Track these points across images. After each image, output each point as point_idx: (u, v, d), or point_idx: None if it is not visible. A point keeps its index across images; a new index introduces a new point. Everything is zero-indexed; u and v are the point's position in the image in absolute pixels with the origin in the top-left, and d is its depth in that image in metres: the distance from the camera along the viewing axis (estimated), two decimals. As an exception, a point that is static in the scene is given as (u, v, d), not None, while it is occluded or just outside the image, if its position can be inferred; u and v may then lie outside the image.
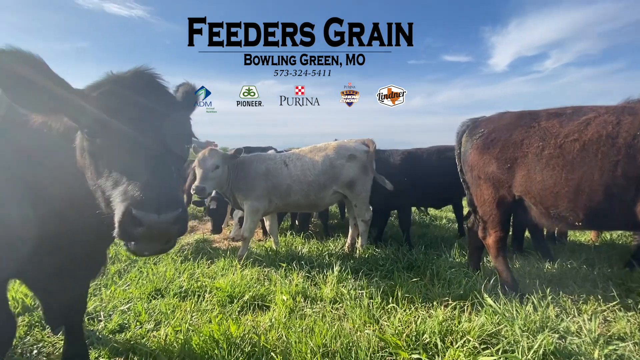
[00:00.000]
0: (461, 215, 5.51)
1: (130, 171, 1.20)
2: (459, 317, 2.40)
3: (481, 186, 3.05)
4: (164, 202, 1.14)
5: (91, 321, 2.62)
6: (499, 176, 2.88)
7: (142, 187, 1.15)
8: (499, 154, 2.89)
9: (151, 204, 1.12)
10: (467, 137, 3.24)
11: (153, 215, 1.11)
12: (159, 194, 1.15)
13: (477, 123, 3.23)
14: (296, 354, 2.07)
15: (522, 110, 3.03)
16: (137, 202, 1.12)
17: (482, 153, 3.02)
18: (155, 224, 1.12)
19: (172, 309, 2.77)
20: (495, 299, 2.62)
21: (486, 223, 3.09)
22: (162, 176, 1.23)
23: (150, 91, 1.37)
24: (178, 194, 1.26)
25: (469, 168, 3.18)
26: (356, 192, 4.31)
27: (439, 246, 4.57)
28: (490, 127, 3.06)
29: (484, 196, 3.05)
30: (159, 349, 2.15)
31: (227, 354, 2.08)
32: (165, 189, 1.19)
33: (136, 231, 1.13)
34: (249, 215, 4.12)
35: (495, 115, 3.19)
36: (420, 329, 2.25)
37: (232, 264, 3.85)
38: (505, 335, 2.21)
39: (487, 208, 3.04)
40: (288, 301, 2.81)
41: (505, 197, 2.89)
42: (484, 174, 3.00)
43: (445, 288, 3.04)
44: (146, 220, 1.11)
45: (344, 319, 2.63)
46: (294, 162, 4.25)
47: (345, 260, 3.87)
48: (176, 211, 1.15)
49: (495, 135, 2.98)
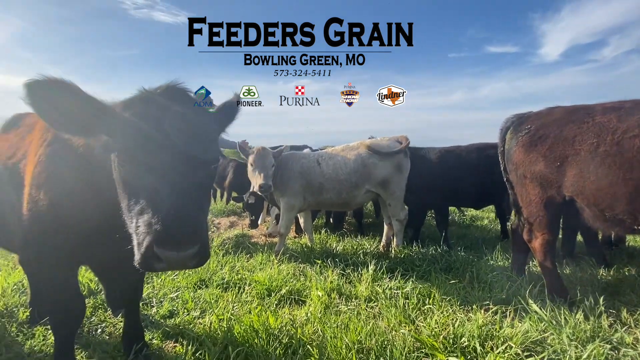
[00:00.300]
0: (504, 216, 5.23)
1: (156, 202, 1.22)
2: (500, 322, 2.31)
3: (527, 186, 2.89)
4: (185, 239, 1.18)
5: (145, 306, 2.88)
6: (547, 175, 2.71)
7: (164, 223, 1.18)
8: (548, 152, 2.71)
9: (172, 241, 1.16)
10: (511, 134, 3.08)
11: (173, 253, 1.16)
12: (180, 231, 1.18)
13: (523, 119, 3.06)
14: (331, 348, 2.13)
15: (575, 104, 2.82)
16: (159, 240, 1.16)
17: (529, 151, 2.86)
18: (174, 260, 1.18)
19: (216, 299, 2.96)
20: (542, 305, 2.49)
21: (532, 225, 2.92)
22: (186, 210, 1.24)
23: (180, 112, 1.36)
24: (200, 229, 1.27)
25: (513, 166, 3.03)
26: (390, 191, 4.27)
27: (480, 248, 4.38)
28: (538, 123, 2.88)
29: (530, 196, 2.88)
30: (204, 335, 2.31)
31: (266, 343, 2.19)
32: (188, 225, 1.21)
33: (157, 266, 1.20)
34: (285, 212, 4.25)
35: (543, 110, 3.00)
36: (458, 331, 2.20)
37: (270, 259, 4.01)
38: (552, 343, 2.09)
39: (534, 209, 2.87)
40: (323, 297, 2.88)
41: (554, 197, 2.72)
42: (530, 172, 2.84)
43: (485, 292, 2.93)
44: (166, 257, 1.17)
45: (379, 317, 2.64)
46: (326, 161, 4.31)
47: (381, 259, 3.85)
48: (195, 247, 1.20)
49: (543, 132, 2.80)
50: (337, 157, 4.33)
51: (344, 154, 4.33)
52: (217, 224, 6.65)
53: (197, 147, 1.34)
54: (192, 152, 1.32)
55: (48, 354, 2.21)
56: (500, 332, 2.19)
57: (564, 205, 2.71)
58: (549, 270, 2.85)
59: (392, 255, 4.08)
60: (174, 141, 1.29)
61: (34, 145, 1.80)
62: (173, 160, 1.27)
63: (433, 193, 4.49)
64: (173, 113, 1.33)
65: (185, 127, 1.33)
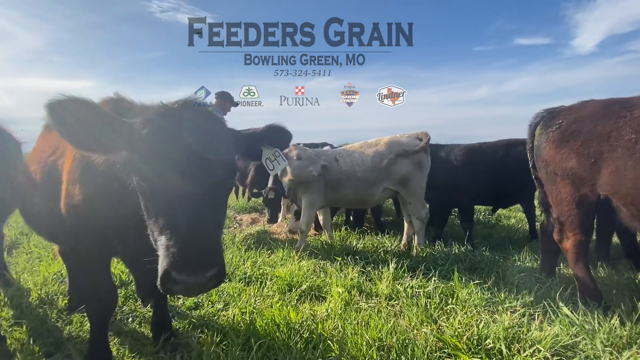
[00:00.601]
0: (533, 215, 5.02)
1: (173, 224, 1.23)
2: (528, 325, 2.23)
3: (558, 184, 2.76)
4: (203, 264, 1.20)
5: (172, 298, 3.00)
6: (579, 173, 2.58)
7: (182, 248, 1.19)
8: (581, 148, 2.58)
9: (189, 266, 1.18)
10: (541, 130, 2.94)
11: (191, 278, 1.18)
12: (198, 256, 1.20)
13: (554, 114, 2.91)
14: (352, 344, 2.13)
15: (611, 97, 2.66)
16: (177, 265, 1.18)
17: (560, 147, 2.72)
18: (192, 285, 1.20)
19: (238, 292, 3.04)
20: (573, 309, 2.37)
21: (563, 225, 2.79)
22: (204, 233, 1.25)
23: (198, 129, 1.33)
24: (217, 251, 1.29)
25: (543, 163, 2.89)
26: (410, 189, 4.20)
27: (507, 248, 4.23)
28: (570, 118, 2.74)
29: (561, 195, 2.75)
30: (228, 327, 2.38)
31: (287, 337, 2.22)
32: (205, 249, 1.23)
33: (174, 289, 1.22)
34: (306, 209, 4.29)
35: (576, 104, 2.84)
36: (482, 333, 2.14)
37: (290, 255, 4.06)
38: (584, 349, 2.00)
39: (565, 208, 2.74)
40: (343, 294, 2.89)
41: (587, 196, 2.58)
42: (561, 170, 2.71)
43: (512, 293, 2.83)
44: (183, 281, 1.18)
45: (400, 316, 2.62)
46: (344, 158, 4.30)
47: (402, 258, 3.81)
48: (212, 271, 1.21)
49: (576, 127, 2.66)
50: (354, 154, 4.30)
51: (362, 151, 4.30)
52: (239, 220, 6.80)
53: (214, 167, 1.32)
54: (209, 173, 1.30)
55: (84, 339, 2.35)
56: (527, 335, 2.11)
57: (598, 204, 2.57)
58: (582, 272, 2.71)
59: (413, 253, 4.02)
60: (192, 161, 1.27)
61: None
62: (190, 181, 1.25)
63: (459, 191, 4.37)
64: (190, 131, 1.30)
65: (202, 146, 1.30)
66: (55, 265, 3.59)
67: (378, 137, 4.46)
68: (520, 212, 6.72)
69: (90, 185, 1.71)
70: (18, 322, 2.59)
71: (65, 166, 1.85)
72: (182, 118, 1.33)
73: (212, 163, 1.31)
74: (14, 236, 5.01)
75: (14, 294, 2.98)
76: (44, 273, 3.39)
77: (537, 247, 3.97)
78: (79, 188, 1.73)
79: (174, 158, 1.26)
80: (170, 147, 1.27)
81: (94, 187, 1.71)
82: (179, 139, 1.27)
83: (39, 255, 4.15)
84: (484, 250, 3.83)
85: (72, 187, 1.76)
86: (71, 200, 1.76)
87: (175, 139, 1.28)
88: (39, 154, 2.23)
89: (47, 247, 4.27)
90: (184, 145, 1.27)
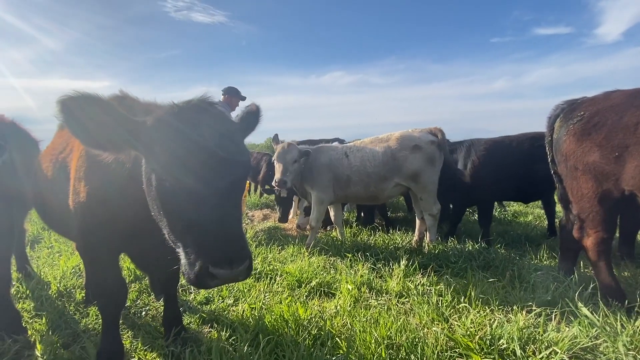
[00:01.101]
0: (552, 211, 4.84)
1: (203, 220, 1.25)
2: (544, 326, 2.14)
3: (579, 178, 2.63)
4: (237, 257, 1.25)
5: (184, 292, 3.05)
6: (602, 167, 2.45)
7: (217, 244, 1.24)
8: (604, 141, 2.44)
9: (225, 260, 1.23)
10: (561, 122, 2.81)
11: (227, 271, 1.23)
12: (232, 249, 1.26)
13: (576, 105, 2.78)
14: (360, 342, 2.11)
15: (637, 87, 2.51)
16: (214, 261, 1.22)
17: (581, 140, 2.59)
18: (228, 277, 1.25)
19: (248, 288, 3.06)
20: (593, 309, 2.27)
21: (584, 222, 2.67)
22: (232, 227, 1.30)
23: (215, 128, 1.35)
24: (246, 245, 1.33)
25: (562, 157, 2.77)
26: (421, 184, 4.11)
27: (523, 246, 4.10)
28: (593, 109, 2.60)
29: (582, 190, 2.62)
30: (237, 322, 2.40)
31: (296, 333, 2.22)
32: (237, 242, 1.28)
33: (211, 283, 1.26)
34: (316, 205, 4.27)
35: (600, 95, 2.70)
36: (496, 333, 2.08)
37: (301, 251, 4.05)
38: (605, 351, 1.91)
39: (587, 204, 2.61)
40: (353, 291, 2.86)
41: (611, 191, 2.45)
42: (582, 164, 2.58)
43: (528, 292, 2.74)
44: (221, 275, 1.23)
45: (410, 313, 2.57)
46: (354, 153, 4.25)
47: (413, 254, 3.74)
48: (245, 263, 1.27)
49: (599, 119, 2.52)
50: (365, 149, 4.24)
51: (373, 146, 4.23)
52: (251, 216, 6.86)
53: (234, 163, 1.36)
54: (230, 169, 1.33)
55: (100, 331, 2.41)
56: (543, 336, 2.03)
57: (622, 200, 2.44)
58: (603, 271, 2.59)
59: (425, 250, 3.95)
60: (214, 159, 1.29)
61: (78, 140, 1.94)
62: (214, 178, 1.28)
63: (480, 188, 4.25)
64: (207, 129, 1.32)
65: (221, 144, 1.32)
66: (73, 260, 3.71)
67: (389, 133, 4.38)
68: (538, 208, 6.50)
69: (96, 182, 1.72)
70: (38, 314, 2.69)
71: (72, 163, 1.88)
72: (198, 117, 1.34)
73: (233, 160, 1.34)
74: (36, 231, 5.22)
75: (35, 286, 3.10)
76: (63, 267, 3.51)
77: (555, 244, 3.83)
78: (85, 185, 1.74)
79: (198, 157, 1.27)
80: (193, 147, 1.27)
81: (99, 184, 1.71)
82: (200, 138, 1.28)
83: (59, 250, 4.31)
84: (499, 248, 3.72)
85: (78, 184, 1.78)
86: (77, 197, 1.78)
87: (196, 139, 1.28)
88: (51, 151, 2.28)
89: (67, 242, 4.42)
90: (205, 144, 1.28)
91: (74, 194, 1.80)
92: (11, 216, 2.68)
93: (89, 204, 1.73)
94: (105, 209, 1.71)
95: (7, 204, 2.59)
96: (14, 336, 2.26)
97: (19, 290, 3.08)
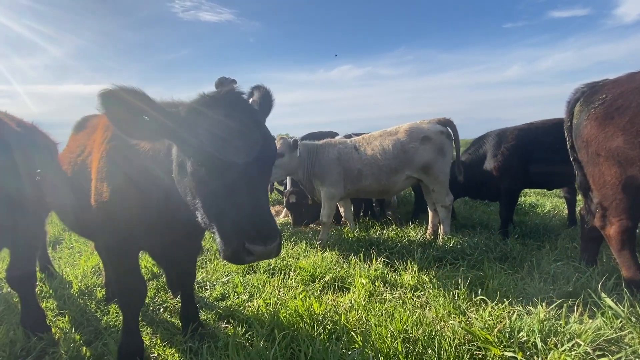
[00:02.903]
0: (574, 200, 4.68)
1: (239, 202, 1.35)
2: (566, 317, 2.08)
3: (601, 165, 2.52)
4: (271, 235, 1.33)
5: (200, 289, 3.10)
6: (627, 152, 2.33)
7: (253, 222, 1.32)
8: (628, 125, 2.33)
9: (261, 237, 1.31)
10: (581, 106, 2.69)
11: (261, 247, 1.30)
12: (266, 227, 1.34)
13: (597, 88, 2.65)
14: (376, 336, 2.09)
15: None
16: (250, 237, 1.30)
17: (604, 124, 2.47)
18: (263, 253, 1.32)
19: (263, 284, 3.08)
20: (617, 300, 2.19)
21: (607, 210, 2.56)
22: (264, 206, 1.40)
23: (245, 115, 1.45)
24: (275, 223, 1.40)
25: (583, 143, 2.65)
26: (433, 175, 4.04)
27: (541, 236, 3.99)
28: (616, 92, 2.47)
29: (604, 177, 2.52)
30: (253, 318, 2.42)
31: (311, 328, 2.22)
32: (269, 220, 1.37)
33: (248, 259, 1.33)
34: (326, 201, 4.25)
35: (623, 76, 2.56)
36: (515, 325, 2.03)
37: (314, 246, 4.06)
38: (630, 343, 1.84)
39: (610, 191, 2.50)
40: (367, 285, 2.84)
41: (636, 177, 2.34)
42: (605, 150, 2.47)
43: (548, 283, 2.66)
44: (257, 251, 1.30)
45: (426, 307, 2.54)
46: (364, 147, 4.20)
47: (427, 247, 3.69)
48: (278, 239, 1.35)
49: (622, 102, 2.40)
50: (375, 142, 4.19)
51: (382, 140, 4.18)
52: (263, 213, 6.89)
53: (264, 147, 1.45)
54: (261, 152, 1.42)
55: (120, 328, 2.48)
56: (565, 328, 1.97)
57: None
58: (628, 260, 2.49)
59: (439, 243, 3.89)
60: (246, 143, 1.39)
61: (97, 142, 1.98)
62: (247, 162, 1.37)
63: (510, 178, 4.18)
64: (239, 116, 1.42)
65: (251, 129, 1.43)
66: (93, 259, 3.81)
67: (397, 125, 4.31)
68: (556, 197, 6.32)
69: (116, 181, 1.79)
70: (61, 312, 2.78)
71: (93, 164, 1.94)
72: (228, 106, 1.43)
73: (263, 144, 1.44)
74: (57, 232, 5.39)
75: (58, 286, 3.20)
76: (84, 266, 3.61)
77: (576, 234, 3.72)
78: (106, 185, 1.80)
79: (231, 142, 1.36)
80: (226, 132, 1.37)
81: (120, 183, 1.78)
82: (232, 124, 1.38)
83: (79, 250, 4.44)
84: (516, 239, 3.63)
85: (100, 185, 1.84)
86: (100, 197, 1.83)
87: (228, 125, 1.38)
88: (68, 155, 2.34)
89: (86, 243, 4.55)
90: (237, 129, 1.39)
91: (97, 194, 1.85)
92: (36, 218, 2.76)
93: (111, 203, 1.78)
94: (127, 208, 1.77)
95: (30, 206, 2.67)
96: (38, 334, 2.34)
97: (43, 290, 3.18)
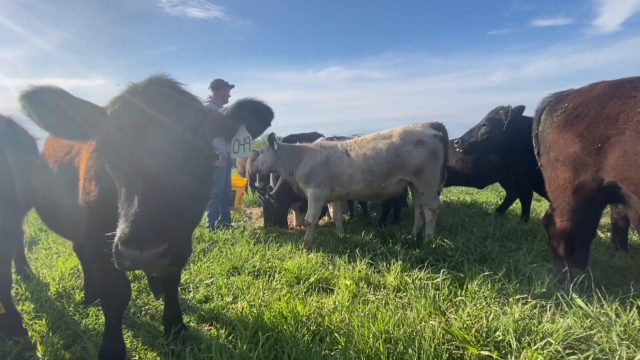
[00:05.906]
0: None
1: (130, 200, 1.25)
2: (539, 317, 2.18)
3: (557, 169, 2.66)
4: (149, 238, 1.16)
5: (183, 291, 3.06)
6: (582, 158, 2.46)
7: (130, 223, 1.18)
8: (585, 132, 2.46)
9: (135, 241, 1.16)
10: (546, 114, 2.84)
11: (136, 252, 1.15)
12: (144, 230, 1.17)
13: (561, 97, 2.80)
14: (359, 337, 2.13)
15: (623, 77, 2.51)
16: (123, 239, 1.17)
17: (564, 131, 2.61)
18: (139, 260, 1.16)
19: (247, 286, 3.07)
20: (588, 300, 2.31)
21: (554, 210, 2.74)
22: (155, 208, 1.21)
23: (164, 104, 1.36)
24: (170, 228, 1.22)
25: (545, 149, 2.80)
26: (424, 179, 4.12)
27: (519, 238, 4.14)
28: (577, 101, 2.61)
29: (558, 181, 2.66)
30: (236, 320, 2.42)
31: (295, 330, 2.24)
32: (152, 225, 1.18)
33: (125, 264, 1.19)
34: (311, 202, 4.27)
35: (585, 86, 2.71)
36: (492, 325, 2.10)
37: (299, 248, 4.07)
38: (599, 341, 1.94)
39: (560, 194, 2.65)
40: (351, 286, 2.88)
41: (587, 182, 2.46)
42: (563, 155, 2.60)
43: (524, 284, 2.77)
44: (129, 256, 1.16)
45: (408, 308, 2.60)
46: (356, 151, 4.23)
47: (410, 249, 3.77)
48: (161, 247, 1.16)
49: (581, 110, 2.53)
50: (367, 146, 4.22)
51: (375, 144, 4.20)
52: (249, 213, 6.87)
53: (177, 144, 1.32)
54: (168, 149, 1.30)
55: (100, 332, 2.43)
56: (539, 327, 2.06)
57: (599, 191, 2.45)
58: (559, 258, 2.72)
59: (422, 244, 3.98)
60: (156, 134, 1.28)
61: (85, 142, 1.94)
62: (147, 158, 1.26)
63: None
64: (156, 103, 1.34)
65: (165, 124, 1.30)
66: (71, 261, 3.71)
67: (391, 129, 4.37)
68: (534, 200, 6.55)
69: (104, 181, 1.73)
70: (38, 315, 2.70)
71: (81, 164, 1.91)
72: (147, 94, 1.36)
73: (172, 139, 1.31)
74: (33, 232, 5.20)
75: (34, 288, 3.10)
76: (62, 268, 3.51)
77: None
78: (95, 184, 1.77)
79: (132, 138, 1.28)
80: (132, 126, 1.29)
81: (108, 183, 1.74)
82: (142, 115, 1.30)
83: (57, 251, 4.30)
84: (495, 241, 3.76)
85: (88, 184, 1.81)
86: (88, 196, 1.81)
87: (137, 116, 1.31)
88: (54, 153, 2.28)
89: (64, 243, 4.42)
90: (146, 122, 1.30)
91: (84, 193, 1.81)
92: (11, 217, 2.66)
93: (99, 202, 1.75)
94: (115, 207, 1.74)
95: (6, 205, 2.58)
96: (15, 338, 2.27)
97: (19, 292, 3.08)
